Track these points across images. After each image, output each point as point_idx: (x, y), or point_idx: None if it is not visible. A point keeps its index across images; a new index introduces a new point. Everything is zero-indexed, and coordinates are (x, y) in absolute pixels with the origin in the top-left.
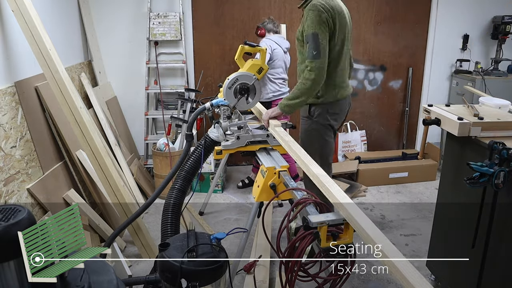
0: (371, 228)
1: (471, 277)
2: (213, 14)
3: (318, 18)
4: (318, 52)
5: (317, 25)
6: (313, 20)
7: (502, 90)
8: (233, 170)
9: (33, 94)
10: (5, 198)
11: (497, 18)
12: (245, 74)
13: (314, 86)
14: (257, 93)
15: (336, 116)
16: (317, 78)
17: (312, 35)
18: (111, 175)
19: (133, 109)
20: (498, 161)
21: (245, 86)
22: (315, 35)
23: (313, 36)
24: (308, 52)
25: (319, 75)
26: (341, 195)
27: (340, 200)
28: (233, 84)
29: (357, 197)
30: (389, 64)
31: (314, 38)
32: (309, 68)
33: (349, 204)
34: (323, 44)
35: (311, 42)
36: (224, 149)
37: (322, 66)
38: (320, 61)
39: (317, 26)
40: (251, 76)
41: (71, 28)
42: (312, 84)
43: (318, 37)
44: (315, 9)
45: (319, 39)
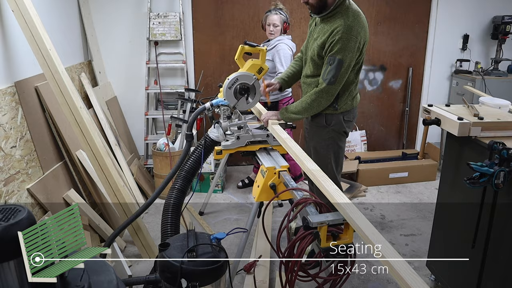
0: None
1: (471, 277)
2: (213, 14)
3: (353, 45)
4: (335, 79)
5: (348, 52)
6: (346, 46)
7: (502, 90)
8: (233, 170)
9: (33, 94)
10: (5, 198)
11: (497, 18)
12: (245, 74)
13: (320, 108)
14: (257, 93)
15: (350, 124)
16: (325, 103)
17: (338, 61)
18: (111, 175)
19: (133, 109)
20: (498, 161)
21: (245, 86)
22: (340, 63)
23: (338, 63)
24: (326, 74)
25: (328, 100)
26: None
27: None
28: (233, 84)
29: (357, 197)
30: (389, 64)
31: (338, 65)
32: (320, 89)
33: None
34: (343, 74)
35: (334, 67)
36: (224, 149)
37: (333, 92)
38: (334, 87)
39: (348, 53)
40: (251, 76)
41: (71, 28)
42: (319, 106)
43: (343, 66)
44: (350, 33)
45: (342, 67)
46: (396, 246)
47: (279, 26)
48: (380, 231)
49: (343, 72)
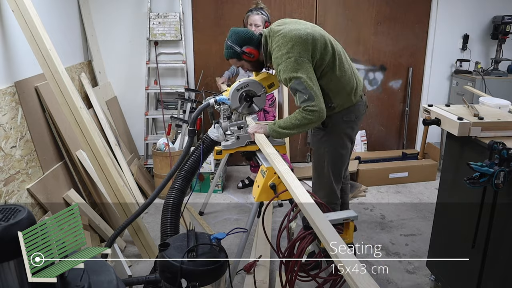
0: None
1: (471, 277)
2: (213, 14)
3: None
4: (310, 95)
5: (295, 68)
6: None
7: (502, 90)
8: (233, 170)
9: (33, 94)
10: (5, 198)
11: (497, 18)
12: (257, 83)
13: (311, 125)
14: (260, 105)
15: (352, 124)
16: (315, 120)
17: (295, 82)
18: (111, 175)
19: (133, 109)
20: (498, 161)
21: (252, 94)
22: (298, 80)
23: (296, 83)
24: (299, 100)
25: (318, 117)
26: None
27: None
28: (242, 87)
29: (357, 197)
30: (389, 64)
31: (298, 84)
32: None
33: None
34: (310, 85)
35: (299, 91)
36: (224, 149)
37: (320, 105)
38: (314, 103)
39: (295, 69)
40: (261, 88)
41: (71, 28)
42: (309, 124)
43: (302, 80)
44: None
45: (304, 82)
46: (396, 246)
47: (261, 26)
48: (380, 231)
49: (309, 85)
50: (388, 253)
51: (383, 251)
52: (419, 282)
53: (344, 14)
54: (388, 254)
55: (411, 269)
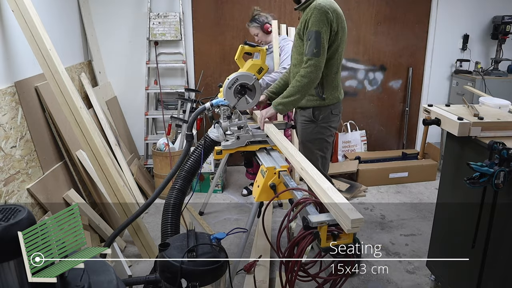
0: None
1: (471, 277)
2: (213, 14)
3: (324, 17)
4: (318, 50)
5: (322, 24)
6: (318, 19)
7: (502, 90)
8: (233, 170)
9: (33, 94)
10: (5, 198)
11: (497, 18)
12: (245, 74)
13: (310, 84)
14: (257, 93)
15: (337, 117)
16: (313, 76)
17: (315, 33)
18: (111, 175)
19: (133, 109)
20: (498, 161)
21: (245, 86)
22: (318, 34)
23: (316, 34)
24: (308, 49)
25: (316, 74)
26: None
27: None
28: (233, 84)
29: (357, 197)
30: (389, 64)
31: (317, 36)
32: (307, 64)
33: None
34: (323, 44)
35: (313, 40)
36: (224, 149)
37: (320, 65)
38: (319, 59)
39: (322, 25)
40: (251, 76)
41: (71, 28)
42: (308, 82)
43: (321, 36)
44: (320, 8)
45: (321, 38)
46: (396, 246)
47: (260, 33)
48: (380, 231)
49: (323, 43)
50: (388, 253)
51: (383, 251)
52: (419, 282)
53: (344, 14)
54: (388, 254)
55: (411, 269)
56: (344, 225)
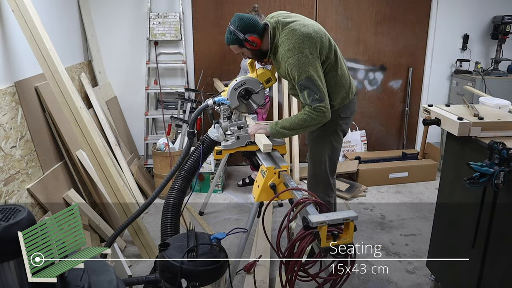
0: None
1: (471, 277)
2: (213, 14)
3: (304, 59)
4: (320, 94)
5: (308, 67)
6: (300, 64)
7: (502, 90)
8: (233, 170)
9: (33, 94)
10: (5, 198)
11: (497, 18)
12: (254, 80)
13: (318, 125)
14: (259, 101)
15: (348, 120)
16: (322, 121)
17: (306, 80)
18: (111, 175)
19: (133, 109)
20: (498, 161)
21: (250, 90)
22: (309, 79)
23: (307, 82)
24: (308, 99)
25: (325, 117)
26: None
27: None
28: (240, 86)
29: (357, 197)
30: (389, 64)
31: (310, 82)
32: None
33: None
34: (320, 85)
35: (309, 89)
36: (224, 149)
37: (327, 106)
38: (324, 103)
39: (308, 68)
40: (259, 84)
41: (71, 28)
42: (316, 125)
43: (314, 80)
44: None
45: (315, 81)
46: (396, 246)
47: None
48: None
49: (319, 84)
50: (388, 253)
51: (383, 251)
52: (419, 282)
53: (344, 14)
54: (388, 254)
55: (411, 269)
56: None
